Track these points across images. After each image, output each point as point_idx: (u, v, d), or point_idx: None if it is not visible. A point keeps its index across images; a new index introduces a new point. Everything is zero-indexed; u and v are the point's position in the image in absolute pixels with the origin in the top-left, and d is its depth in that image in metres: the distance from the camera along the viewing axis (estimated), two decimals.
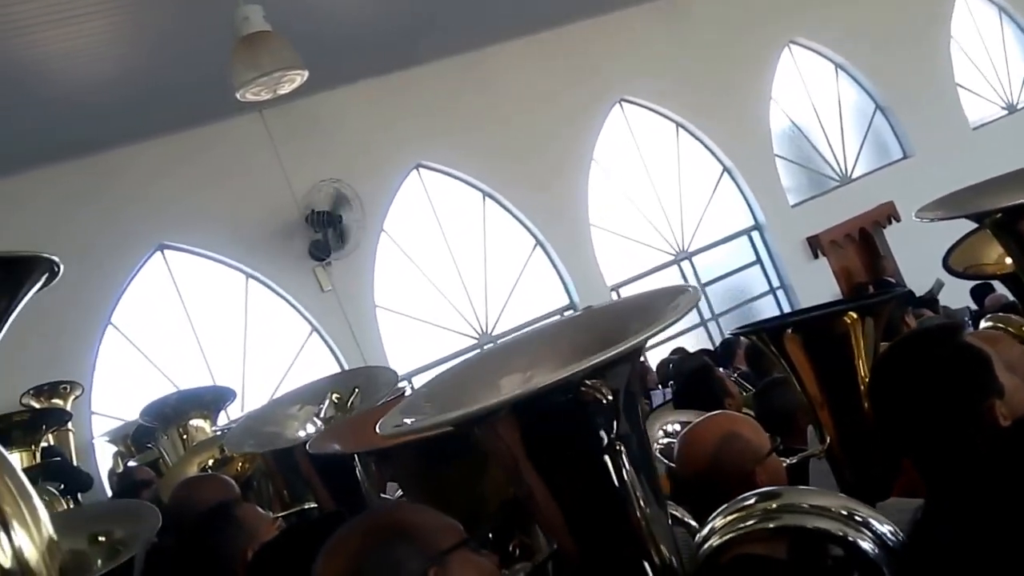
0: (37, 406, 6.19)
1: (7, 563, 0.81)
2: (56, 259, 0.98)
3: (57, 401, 6.38)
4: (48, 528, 0.87)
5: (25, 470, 3.72)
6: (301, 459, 2.93)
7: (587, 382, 1.21)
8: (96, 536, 1.94)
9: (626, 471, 1.28)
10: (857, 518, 1.36)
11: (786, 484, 2.15)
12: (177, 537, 2.71)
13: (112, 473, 6.75)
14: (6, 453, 0.90)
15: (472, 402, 1.30)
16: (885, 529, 1.35)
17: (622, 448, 1.27)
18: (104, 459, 7.02)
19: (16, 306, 0.96)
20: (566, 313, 8.85)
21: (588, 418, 1.25)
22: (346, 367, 7.68)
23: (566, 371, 1.19)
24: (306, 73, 5.92)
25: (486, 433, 1.32)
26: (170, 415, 5.75)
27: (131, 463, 6.21)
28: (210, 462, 4.24)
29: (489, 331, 8.78)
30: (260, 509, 2.82)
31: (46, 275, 0.98)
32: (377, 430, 1.40)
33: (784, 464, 2.41)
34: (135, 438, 6.38)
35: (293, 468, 3.57)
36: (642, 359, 7.98)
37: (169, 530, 2.50)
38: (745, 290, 10.14)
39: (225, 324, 7.87)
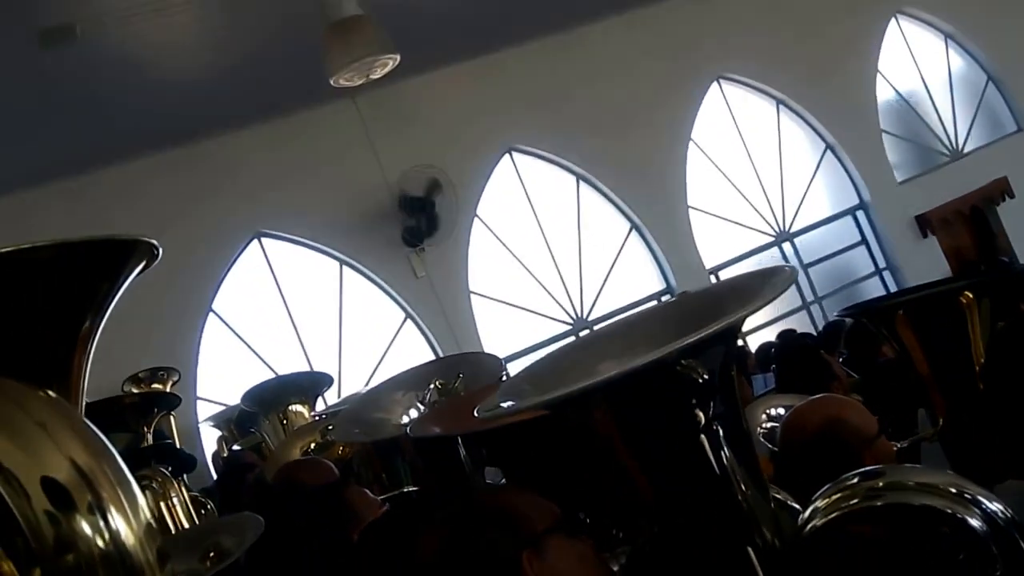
0: (136, 391, 6.34)
1: (104, 546, 0.83)
2: (155, 242, 0.99)
3: (157, 386, 6.53)
4: (146, 514, 0.88)
5: (140, 450, 3.80)
6: (405, 444, 2.93)
7: (682, 362, 1.20)
8: (207, 552, 1.99)
9: (724, 453, 1.27)
10: (966, 496, 1.29)
11: None
12: (285, 518, 2.74)
13: (216, 456, 6.90)
14: (105, 439, 0.91)
15: (569, 385, 1.30)
16: (995, 507, 1.28)
17: (719, 429, 1.26)
18: (209, 443, 7.18)
19: (118, 290, 0.99)
20: (664, 298, 8.68)
21: (684, 399, 1.24)
22: (440, 354, 7.68)
23: (660, 351, 1.19)
24: (398, 57, 5.92)
25: (582, 415, 1.31)
26: (270, 400, 5.85)
27: (235, 447, 6.33)
28: (312, 446, 4.28)
29: (584, 316, 8.68)
30: (368, 492, 2.84)
31: (145, 259, 1.00)
32: (475, 414, 1.41)
33: (895, 448, 2.33)
34: (238, 423, 6.50)
35: (392, 453, 3.57)
36: (741, 343, 7.86)
37: (276, 511, 2.53)
38: (849, 272, 9.79)
39: (321, 310, 7.96)
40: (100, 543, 0.83)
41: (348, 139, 7.88)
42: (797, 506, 1.60)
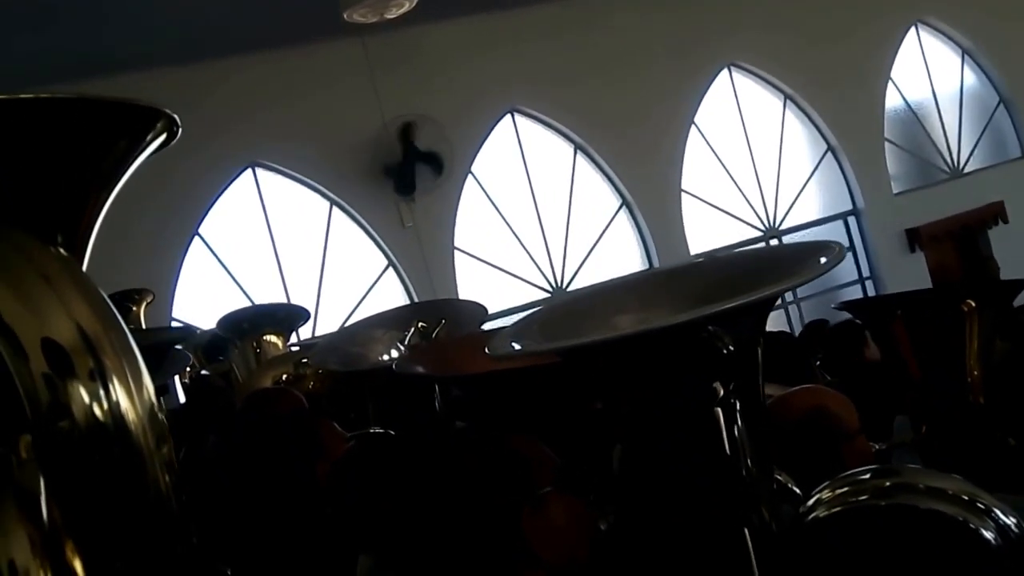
0: None
1: (102, 417, 0.78)
2: (176, 118, 0.95)
3: (132, 307, 6.45)
4: (150, 392, 0.83)
5: None
6: (377, 383, 2.92)
7: (710, 328, 1.11)
8: None
9: (737, 427, 1.19)
10: (980, 505, 1.22)
11: None
12: (253, 443, 2.73)
13: (184, 379, 6.86)
14: (116, 312, 0.86)
15: (584, 335, 1.21)
16: (1010, 521, 1.20)
17: (736, 403, 1.17)
18: None
19: (134, 158, 0.95)
20: None
21: (705, 366, 1.15)
22: None
23: (695, 312, 1.10)
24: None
25: (594, 368, 1.22)
26: (246, 328, 5.77)
27: (203, 372, 6.30)
28: (284, 377, 4.28)
29: (563, 286, 8.69)
30: (337, 426, 2.84)
31: (164, 134, 0.96)
32: (487, 351, 1.31)
33: (873, 449, 2.27)
34: (206, 349, 6.46)
35: (362, 392, 3.57)
36: None
37: (242, 436, 2.52)
38: (831, 276, 9.81)
39: (306, 247, 7.93)
40: (97, 414, 0.78)
41: (353, 80, 7.78)
42: (798, 491, 1.56)
